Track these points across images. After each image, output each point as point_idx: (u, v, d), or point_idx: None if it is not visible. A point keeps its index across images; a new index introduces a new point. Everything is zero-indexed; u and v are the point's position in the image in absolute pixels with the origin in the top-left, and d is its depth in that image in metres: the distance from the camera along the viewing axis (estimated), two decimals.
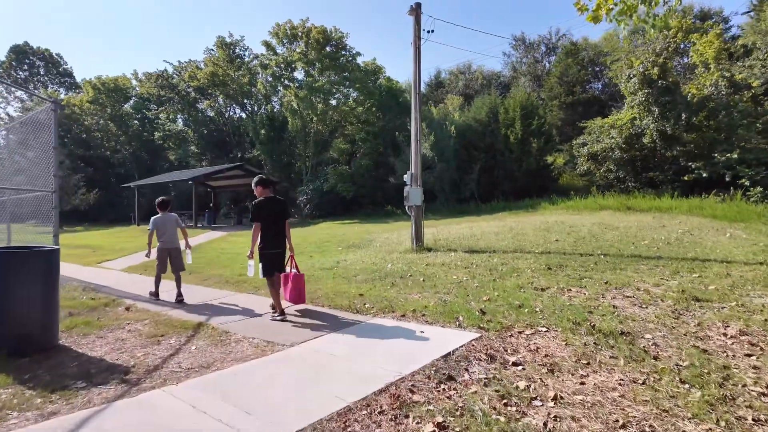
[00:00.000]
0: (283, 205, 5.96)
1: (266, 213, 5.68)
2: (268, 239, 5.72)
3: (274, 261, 5.79)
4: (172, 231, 7.14)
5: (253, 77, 36.85)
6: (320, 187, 28.51)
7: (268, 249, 5.74)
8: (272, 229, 5.73)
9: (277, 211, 5.81)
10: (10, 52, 53.34)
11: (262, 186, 5.86)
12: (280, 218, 5.84)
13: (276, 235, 5.79)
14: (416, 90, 11.65)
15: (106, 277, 9.07)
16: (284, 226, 5.90)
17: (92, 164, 42.49)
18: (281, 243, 5.88)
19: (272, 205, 5.78)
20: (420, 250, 11.03)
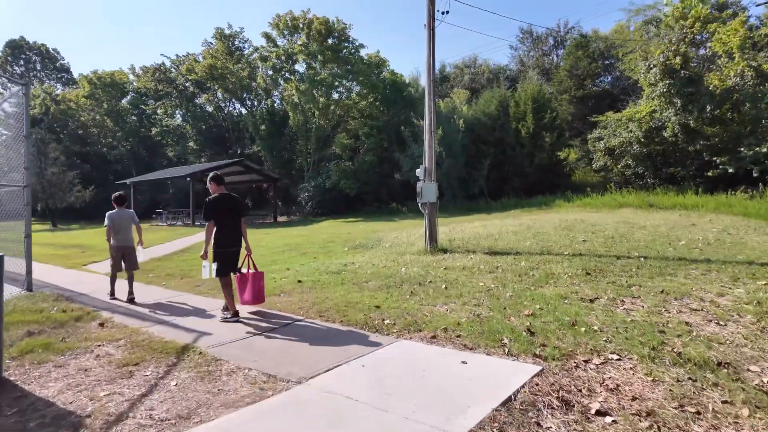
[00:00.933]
0: (237, 203, 5.72)
1: (219, 211, 5.45)
2: (222, 238, 5.48)
3: (229, 261, 5.54)
4: (127, 228, 6.87)
5: (253, 71, 35.82)
6: (322, 184, 27.56)
7: (222, 248, 5.49)
8: (226, 227, 5.50)
9: (231, 208, 5.59)
10: (6, 47, 52.39)
11: (215, 183, 5.65)
12: (235, 216, 5.61)
13: (231, 234, 5.55)
14: (430, 76, 10.66)
15: (87, 282, 8.12)
16: (239, 224, 5.67)
17: (89, 161, 41.54)
18: (236, 242, 5.63)
19: (226, 202, 5.56)
20: (435, 251, 10.07)
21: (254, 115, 34.49)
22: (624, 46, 29.45)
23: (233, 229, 5.57)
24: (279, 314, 5.51)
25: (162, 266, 10.18)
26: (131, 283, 6.60)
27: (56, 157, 32.97)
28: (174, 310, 5.87)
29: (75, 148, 40.41)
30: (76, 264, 10.42)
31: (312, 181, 28.52)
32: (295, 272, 8.66)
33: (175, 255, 12.28)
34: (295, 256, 11.04)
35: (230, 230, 5.53)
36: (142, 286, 7.66)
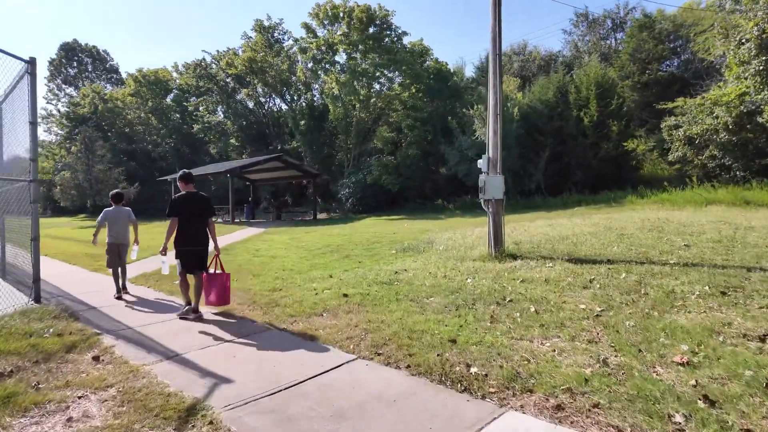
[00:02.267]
0: (204, 202, 5.63)
1: (181, 209, 5.39)
2: (183, 237, 5.42)
3: (190, 259, 5.47)
4: (123, 226, 6.89)
5: (293, 64, 35.05)
6: (363, 180, 26.32)
7: (181, 246, 5.44)
8: (189, 226, 5.43)
9: (197, 207, 5.50)
10: (60, 50, 54.57)
11: (183, 181, 5.57)
12: (200, 215, 5.51)
13: (194, 233, 5.47)
14: (496, 50, 9.04)
15: (104, 290, 7.14)
16: (204, 224, 5.55)
17: (135, 158, 42.39)
18: (201, 241, 5.55)
19: (190, 201, 5.48)
20: (502, 257, 8.49)
21: (294, 110, 33.69)
22: (698, 24, 26.41)
23: (197, 228, 5.48)
24: (323, 347, 4.15)
25: None
26: (125, 276, 6.89)
27: (103, 155, 33.55)
28: (187, 332, 4.66)
29: (121, 145, 41.25)
30: (103, 266, 9.54)
31: (352, 176, 27.34)
32: (338, 281, 7.34)
33: (211, 255, 11.29)
34: (337, 260, 9.76)
35: (193, 229, 5.44)
36: (164, 296, 6.57)
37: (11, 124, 7.42)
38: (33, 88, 5.94)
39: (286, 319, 5.14)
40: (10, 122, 7.42)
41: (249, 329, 4.77)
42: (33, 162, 5.98)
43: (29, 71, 5.91)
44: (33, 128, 5.96)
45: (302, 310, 5.48)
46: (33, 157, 5.97)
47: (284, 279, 7.72)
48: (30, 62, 5.93)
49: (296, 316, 5.25)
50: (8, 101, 7.41)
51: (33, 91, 5.94)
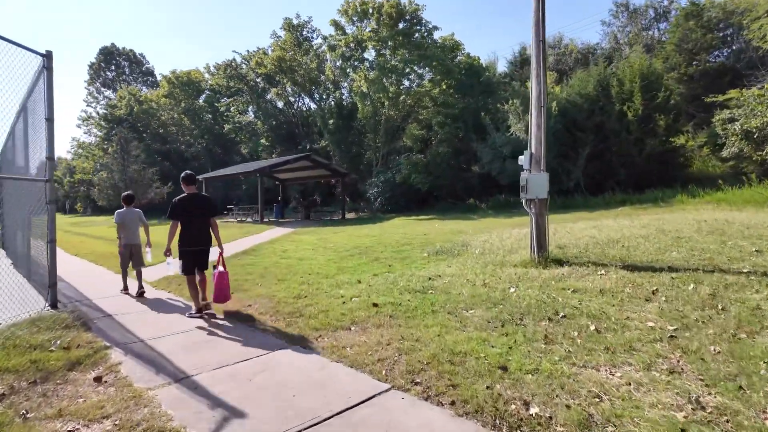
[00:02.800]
0: (205, 202, 5.73)
1: (182, 210, 5.47)
2: (186, 237, 5.48)
3: (193, 259, 5.53)
4: (134, 227, 7.05)
5: (321, 63, 34.85)
6: (392, 179, 25.77)
7: (184, 246, 5.49)
8: (191, 227, 5.49)
9: (198, 208, 5.57)
10: (100, 54, 56.45)
11: (184, 183, 5.66)
12: (202, 216, 5.58)
13: (196, 233, 5.53)
14: (539, 35, 8.27)
15: (123, 295, 6.85)
16: (207, 224, 5.63)
17: (169, 158, 43.27)
18: (203, 241, 5.60)
19: (193, 202, 5.55)
20: (546, 262, 7.74)
21: (322, 109, 33.47)
22: (752, 10, 24.52)
23: (199, 228, 5.53)
24: (351, 371, 3.60)
25: None
26: (140, 278, 6.90)
27: (137, 155, 34.28)
28: (202, 346, 4.21)
29: (156, 146, 42.17)
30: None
31: (381, 175, 26.84)
32: (367, 287, 6.80)
33: (237, 257, 10.99)
34: (366, 263, 9.22)
35: (195, 230, 5.50)
36: (184, 300, 6.19)
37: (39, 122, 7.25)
38: (50, 83, 5.67)
39: (310, 333, 4.62)
40: (39, 120, 7.25)
41: (269, 344, 4.28)
42: (49, 161, 5.71)
43: (46, 65, 5.63)
44: (49, 125, 5.67)
45: (328, 322, 4.96)
46: (49, 156, 5.69)
47: (310, 284, 7.24)
48: (46, 56, 5.65)
49: (321, 329, 4.72)
50: (32, 99, 7.23)
51: (50, 86, 5.67)
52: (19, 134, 8.05)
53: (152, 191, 34.15)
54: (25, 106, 7.82)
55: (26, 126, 8.01)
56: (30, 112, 7.45)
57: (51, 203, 5.71)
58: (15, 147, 8.60)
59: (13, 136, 8.89)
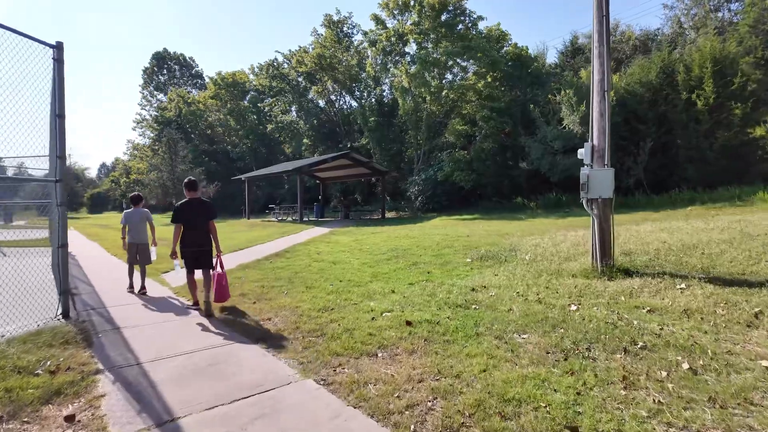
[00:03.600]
0: (204, 207, 6.01)
1: (182, 215, 5.82)
2: (186, 238, 5.82)
3: (194, 259, 5.88)
4: (140, 227, 7.21)
5: (362, 60, 34.32)
6: (433, 177, 24.80)
7: (185, 247, 5.83)
8: (191, 229, 5.82)
9: (198, 212, 5.89)
10: (153, 59, 58.94)
11: (186, 189, 6.00)
12: (202, 219, 5.88)
13: (196, 236, 5.86)
14: (602, 8, 7.14)
15: (139, 303, 6.46)
16: (206, 227, 5.91)
17: (215, 158, 44.38)
18: (203, 242, 5.90)
19: (193, 206, 5.89)
20: (612, 272, 6.66)
21: (363, 107, 32.93)
22: None
23: (199, 230, 5.86)
24: (372, 426, 2.83)
25: (246, 276, 8.33)
26: (143, 277, 7.20)
27: (185, 155, 35.23)
28: (201, 374, 3.58)
29: (203, 146, 43.33)
30: (157, 270, 9.09)
31: (422, 173, 25.94)
32: (401, 300, 6.01)
33: (270, 259, 10.52)
34: (403, 269, 8.43)
35: (195, 232, 5.84)
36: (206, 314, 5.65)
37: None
38: (60, 77, 5.28)
39: (329, 359, 3.90)
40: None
41: (278, 374, 3.59)
42: (60, 159, 5.32)
43: (56, 57, 5.25)
44: (60, 122, 5.29)
45: (352, 344, 4.22)
46: (60, 154, 5.31)
47: (339, 293, 6.56)
48: (56, 47, 5.27)
49: (342, 355, 3.99)
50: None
51: (61, 79, 5.28)
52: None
53: (198, 190, 34.91)
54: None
55: None
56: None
57: (62, 205, 5.34)
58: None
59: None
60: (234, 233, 18.99)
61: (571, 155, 19.91)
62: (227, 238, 16.76)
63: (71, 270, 9.66)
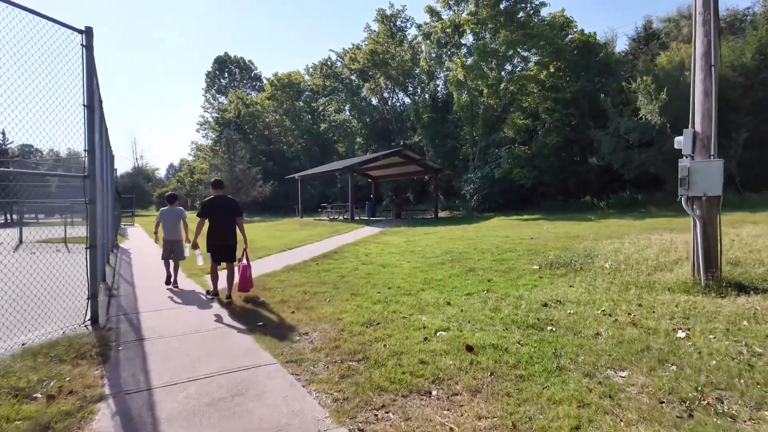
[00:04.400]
0: (229, 204, 6.35)
1: (210, 211, 6.20)
2: (212, 234, 6.17)
3: (218, 253, 6.22)
4: (174, 224, 7.44)
5: (415, 55, 33.42)
6: (490, 174, 23.45)
7: (211, 241, 6.18)
8: (218, 224, 6.18)
9: (224, 209, 6.24)
10: (215, 63, 61.47)
11: (212, 187, 6.53)
12: (228, 215, 6.24)
13: (222, 231, 6.20)
14: None
15: (175, 308, 6.05)
16: (232, 223, 6.28)
17: (272, 158, 45.30)
18: (228, 237, 6.23)
19: (219, 203, 6.25)
20: (720, 287, 5.40)
21: (416, 103, 32.02)
22: None
23: (224, 226, 6.19)
24: None
25: (289, 279, 7.78)
26: (176, 272, 7.54)
27: (243, 155, 36.10)
28: (214, 412, 2.93)
29: (261, 146, 44.34)
30: (199, 272, 8.79)
31: (478, 170, 24.64)
32: (458, 313, 5.14)
33: (316, 261, 9.97)
34: (458, 275, 7.52)
35: (220, 228, 6.17)
36: (237, 325, 5.09)
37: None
38: (89, 64, 4.90)
39: (371, 397, 3.11)
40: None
41: (302, 422, 2.84)
42: (89, 154, 4.96)
43: (84, 43, 4.88)
44: (89, 113, 4.93)
45: (399, 375, 3.42)
46: (89, 148, 4.94)
47: (387, 303, 5.79)
48: (85, 32, 4.89)
49: (387, 390, 3.19)
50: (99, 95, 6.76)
51: (90, 67, 4.91)
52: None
53: (255, 189, 35.72)
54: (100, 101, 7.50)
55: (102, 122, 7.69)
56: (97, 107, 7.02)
57: (91, 203, 4.98)
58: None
59: (101, 134, 8.78)
60: (285, 232, 18.85)
61: (648, 149, 17.91)
62: (277, 237, 16.57)
63: (120, 269, 9.67)
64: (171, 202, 7.63)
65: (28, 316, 4.57)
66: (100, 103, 7.70)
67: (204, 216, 6.20)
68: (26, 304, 4.72)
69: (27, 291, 4.74)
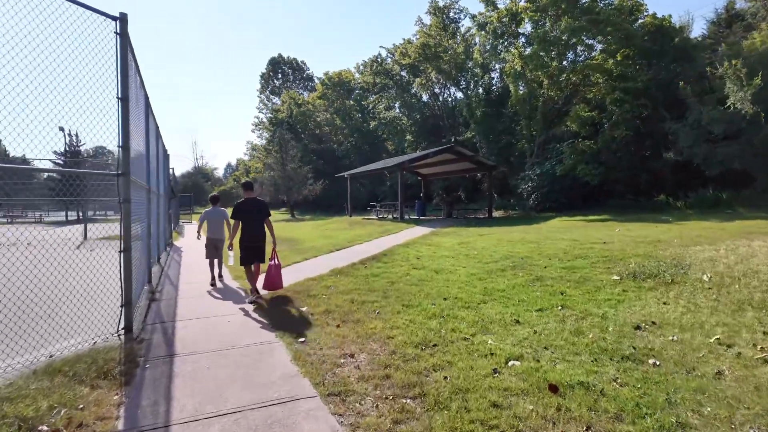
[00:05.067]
0: (260, 205, 6.56)
1: (243, 213, 6.38)
2: (245, 234, 6.36)
3: (250, 253, 6.39)
4: (217, 225, 7.78)
5: (468, 48, 32.15)
6: (550, 171, 21.93)
7: (243, 242, 6.38)
8: (249, 226, 6.38)
9: (255, 210, 6.45)
10: (269, 65, 62.97)
11: (243, 189, 6.79)
12: (258, 216, 6.46)
13: (253, 231, 6.40)
14: None
15: (216, 316, 5.65)
16: (262, 224, 6.49)
17: (323, 157, 45.60)
18: (259, 238, 6.44)
19: (250, 205, 6.45)
20: None
21: (469, 97, 30.79)
22: None
23: (255, 227, 6.42)
24: None
25: (336, 285, 7.23)
26: (220, 267, 7.92)
27: (294, 154, 36.44)
28: None
29: (312, 145, 44.74)
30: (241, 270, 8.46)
31: (537, 167, 23.16)
32: (531, 337, 4.31)
33: (365, 263, 9.39)
34: (524, 286, 6.63)
35: (251, 228, 6.40)
36: (272, 342, 4.56)
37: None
38: (123, 53, 4.55)
39: None
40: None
41: None
42: (123, 150, 4.62)
43: (118, 31, 4.53)
44: (123, 105, 4.58)
45: (467, 425, 2.70)
46: (123, 144, 4.60)
47: (444, 318, 5.06)
48: (120, 19, 4.55)
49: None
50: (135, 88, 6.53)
51: (123, 56, 4.55)
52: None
53: (306, 188, 35.93)
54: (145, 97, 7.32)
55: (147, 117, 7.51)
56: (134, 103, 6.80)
57: (125, 202, 4.64)
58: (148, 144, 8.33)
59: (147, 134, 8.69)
60: (334, 231, 18.53)
61: (734, 142, 15.85)
62: (326, 237, 16.23)
63: (168, 269, 9.58)
64: (214, 203, 8.04)
65: (63, 322, 4.28)
66: (146, 99, 7.55)
67: (236, 217, 6.41)
68: (67, 308, 4.44)
69: (74, 292, 4.44)
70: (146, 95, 7.31)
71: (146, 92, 7.29)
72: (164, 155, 12.69)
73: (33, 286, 4.07)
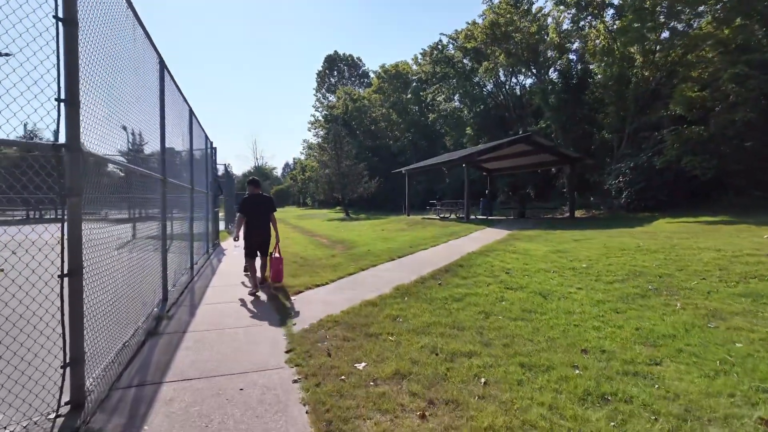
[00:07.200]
0: (265, 201, 6.77)
1: (248, 208, 6.60)
2: (249, 229, 6.60)
3: (252, 247, 6.64)
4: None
5: (542, 28, 28.90)
6: (646, 164, 18.58)
7: (249, 236, 6.60)
8: (253, 221, 6.61)
9: (260, 206, 6.67)
10: (325, 62, 62.46)
11: (249, 185, 6.95)
12: (263, 212, 6.67)
13: (258, 226, 6.63)
14: None
15: (232, 378, 3.75)
16: (267, 219, 6.69)
17: (378, 153, 43.97)
18: (263, 233, 6.67)
19: (255, 201, 6.68)
20: None
21: (543, 82, 27.63)
22: None
23: (260, 222, 6.64)
24: None
25: (404, 316, 5.14)
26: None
27: (349, 151, 35.04)
28: None
29: (367, 142, 43.21)
30: (305, 282, 6.65)
31: (628, 160, 19.82)
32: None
33: (438, 279, 7.21)
34: (701, 328, 4.18)
35: (256, 223, 6.62)
36: None
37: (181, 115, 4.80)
38: None
39: None
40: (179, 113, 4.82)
41: None
42: (69, 108, 2.79)
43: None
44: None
45: None
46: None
47: (611, 402, 2.80)
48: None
49: None
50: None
51: None
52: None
53: (361, 186, 34.42)
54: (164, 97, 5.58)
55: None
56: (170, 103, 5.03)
57: (71, 195, 2.80)
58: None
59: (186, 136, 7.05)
60: (392, 233, 16.51)
61: None
62: (384, 239, 14.20)
63: (197, 279, 7.93)
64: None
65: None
66: (185, 101, 5.87)
67: (242, 212, 6.58)
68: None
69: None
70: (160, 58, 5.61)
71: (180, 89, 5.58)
72: (206, 145, 11.22)
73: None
